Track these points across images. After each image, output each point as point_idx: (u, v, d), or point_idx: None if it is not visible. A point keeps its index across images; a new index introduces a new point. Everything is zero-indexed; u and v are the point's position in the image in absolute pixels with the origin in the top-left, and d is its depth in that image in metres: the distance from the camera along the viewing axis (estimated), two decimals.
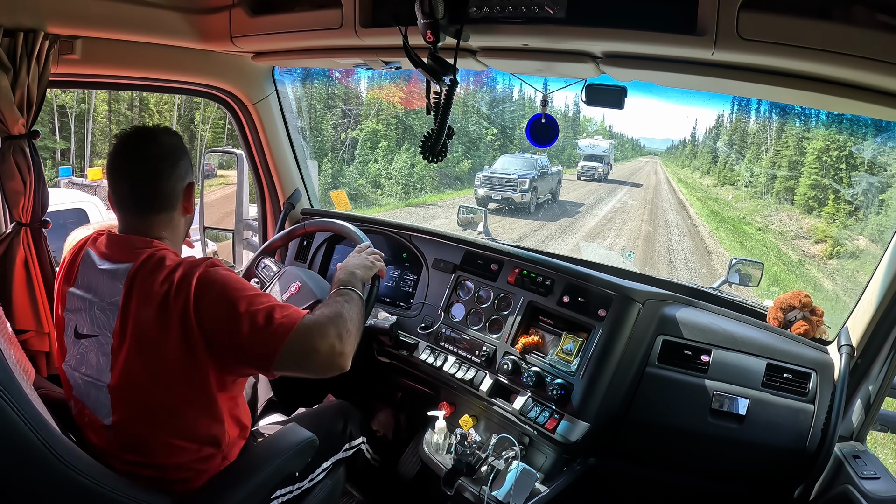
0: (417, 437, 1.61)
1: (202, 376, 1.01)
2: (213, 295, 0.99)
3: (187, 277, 0.99)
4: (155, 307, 0.97)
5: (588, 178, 16.94)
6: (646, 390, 1.37)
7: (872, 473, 1.17)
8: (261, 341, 0.98)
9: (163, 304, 0.97)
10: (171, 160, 1.08)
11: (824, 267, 9.59)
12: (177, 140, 1.12)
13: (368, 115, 13.32)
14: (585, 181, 16.72)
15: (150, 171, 1.06)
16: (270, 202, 2.09)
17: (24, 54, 1.32)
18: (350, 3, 1.20)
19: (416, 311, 1.67)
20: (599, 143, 17.76)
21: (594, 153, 17.37)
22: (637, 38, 0.96)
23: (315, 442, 1.16)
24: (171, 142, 1.10)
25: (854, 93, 0.96)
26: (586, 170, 17.27)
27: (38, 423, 0.82)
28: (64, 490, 0.85)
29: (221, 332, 0.98)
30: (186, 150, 1.15)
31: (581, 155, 18.03)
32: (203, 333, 0.98)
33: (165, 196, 1.08)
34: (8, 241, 1.44)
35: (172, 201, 1.09)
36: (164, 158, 1.07)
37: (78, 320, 1.05)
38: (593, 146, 17.52)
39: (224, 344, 0.99)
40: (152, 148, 1.07)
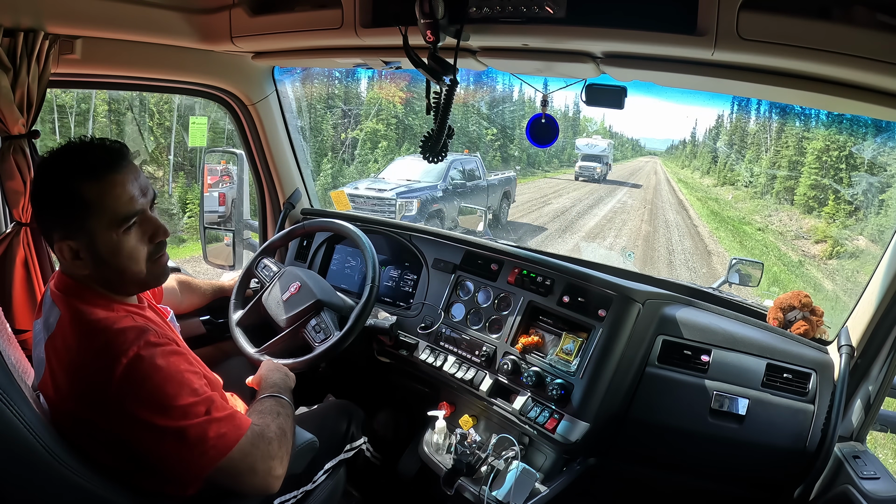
0: (417, 437, 1.61)
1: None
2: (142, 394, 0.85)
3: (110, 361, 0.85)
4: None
5: (586, 178, 16.54)
6: (646, 390, 1.37)
7: (872, 473, 1.17)
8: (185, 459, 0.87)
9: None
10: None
11: (824, 267, 9.59)
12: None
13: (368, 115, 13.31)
14: (584, 182, 16.33)
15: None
16: (270, 202, 2.09)
17: (24, 54, 1.32)
18: (350, 3, 1.20)
19: (416, 311, 1.67)
20: (598, 143, 17.35)
21: (592, 153, 16.96)
22: (637, 38, 0.96)
23: (315, 443, 1.16)
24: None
25: (854, 93, 0.96)
26: (584, 170, 16.85)
27: (37, 425, 0.82)
28: (63, 492, 0.84)
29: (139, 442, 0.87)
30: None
31: (579, 155, 17.60)
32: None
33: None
34: (8, 241, 1.44)
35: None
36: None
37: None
38: (591, 146, 17.11)
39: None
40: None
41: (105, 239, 0.91)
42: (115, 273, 0.94)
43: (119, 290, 0.97)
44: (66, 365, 0.89)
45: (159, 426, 0.85)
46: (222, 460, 0.89)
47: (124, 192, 0.92)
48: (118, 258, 0.93)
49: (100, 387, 0.85)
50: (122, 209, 0.91)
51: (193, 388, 0.90)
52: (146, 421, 0.85)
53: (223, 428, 0.90)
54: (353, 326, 1.42)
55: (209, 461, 0.88)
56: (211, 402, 0.91)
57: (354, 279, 1.86)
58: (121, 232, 0.92)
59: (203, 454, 0.88)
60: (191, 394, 0.89)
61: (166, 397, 0.86)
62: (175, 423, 0.86)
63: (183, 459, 0.88)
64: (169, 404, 0.86)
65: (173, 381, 0.88)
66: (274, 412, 1.06)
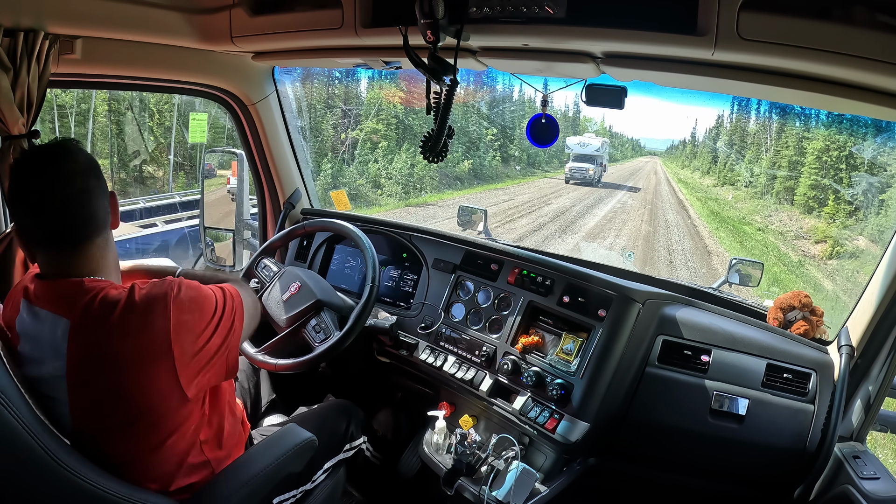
0: (417, 437, 1.61)
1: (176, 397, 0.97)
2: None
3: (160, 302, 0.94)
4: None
5: (578, 181, 15.14)
6: (646, 390, 1.37)
7: (872, 473, 1.17)
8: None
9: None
10: (96, 172, 0.99)
11: (824, 267, 9.60)
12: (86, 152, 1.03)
13: (368, 115, 13.31)
14: (575, 185, 15.03)
15: (77, 191, 0.95)
16: (270, 202, 2.09)
17: (25, 54, 1.32)
18: (350, 3, 1.20)
19: (416, 311, 1.67)
20: (591, 142, 15.76)
21: (585, 153, 15.46)
22: (637, 38, 0.96)
23: (314, 442, 1.16)
24: (87, 154, 1.01)
25: (854, 93, 0.96)
26: (575, 172, 15.35)
27: (37, 427, 0.81)
28: (63, 493, 0.84)
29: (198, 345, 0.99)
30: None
31: (570, 155, 15.95)
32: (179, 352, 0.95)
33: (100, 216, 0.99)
34: (8, 241, 1.44)
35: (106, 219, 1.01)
36: (90, 173, 0.97)
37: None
38: (583, 145, 15.57)
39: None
40: (72, 164, 0.96)
41: (116, 216, 1.04)
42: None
43: (117, 269, 1.07)
44: (109, 359, 0.91)
45: (211, 339, 1.00)
46: (243, 325, 1.10)
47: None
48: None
49: (162, 342, 0.93)
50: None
51: (212, 295, 1.05)
52: (199, 343, 0.98)
53: (233, 300, 1.09)
54: (353, 326, 1.42)
55: (237, 335, 1.07)
56: (222, 297, 1.06)
57: (354, 279, 1.86)
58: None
59: (235, 331, 1.06)
60: (213, 301, 1.04)
61: (206, 318, 1.00)
62: (217, 330, 1.02)
63: (226, 350, 1.04)
64: (208, 322, 1.01)
65: (202, 298, 1.02)
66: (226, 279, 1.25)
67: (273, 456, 1.09)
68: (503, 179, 16.10)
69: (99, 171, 1.01)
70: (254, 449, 1.13)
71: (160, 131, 9.12)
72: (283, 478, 1.13)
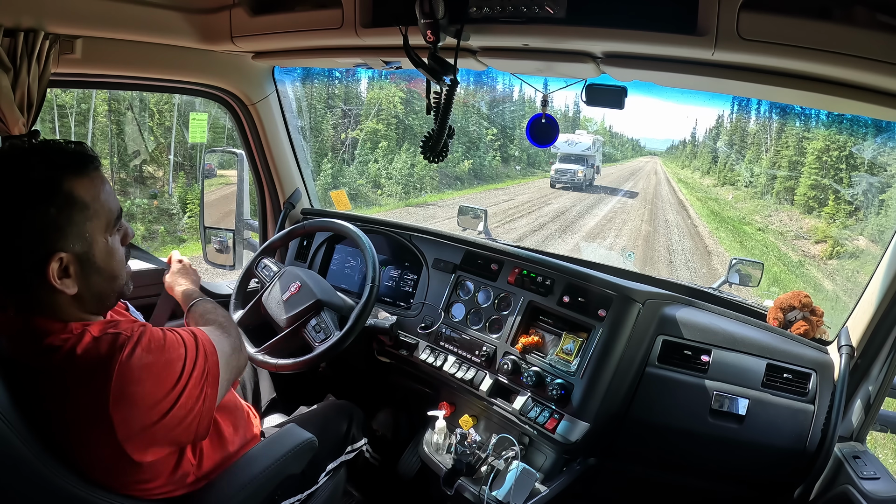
0: (417, 437, 1.61)
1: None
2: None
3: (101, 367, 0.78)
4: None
5: (565, 185, 12.87)
6: (646, 390, 1.37)
7: (872, 474, 1.17)
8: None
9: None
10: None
11: (824, 267, 9.59)
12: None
13: (369, 115, 13.31)
14: (561, 189, 12.74)
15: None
16: (270, 202, 2.09)
17: (25, 54, 1.32)
18: (350, 3, 1.20)
19: (416, 311, 1.67)
20: (580, 140, 13.56)
21: (573, 152, 13.22)
22: (637, 38, 0.96)
23: (314, 443, 1.16)
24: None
25: (854, 93, 0.96)
26: (562, 175, 13.03)
27: (27, 434, 0.80)
28: (53, 498, 0.83)
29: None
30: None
31: (557, 155, 13.65)
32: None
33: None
34: None
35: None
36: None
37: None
38: (572, 143, 13.33)
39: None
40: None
41: (101, 243, 0.84)
42: (106, 281, 0.86)
43: (99, 306, 0.89)
44: (56, 421, 0.80)
45: (169, 411, 0.84)
46: (219, 382, 0.94)
47: (111, 190, 0.85)
48: (112, 263, 0.86)
49: (105, 430, 0.79)
50: (115, 207, 0.86)
51: (178, 355, 0.87)
52: (155, 419, 0.83)
53: (205, 361, 0.91)
54: (353, 326, 1.42)
55: (211, 397, 0.92)
56: (193, 358, 0.88)
57: (354, 279, 1.86)
58: (113, 232, 0.86)
59: (204, 398, 0.90)
60: (178, 363, 0.86)
61: (163, 385, 0.83)
62: (178, 401, 0.85)
63: (191, 415, 0.88)
64: (167, 387, 0.84)
65: (164, 365, 0.84)
66: (208, 312, 1.18)
67: (273, 456, 1.09)
68: (503, 179, 16.07)
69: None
70: (254, 449, 1.12)
71: (160, 131, 9.12)
72: (284, 478, 1.12)
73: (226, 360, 0.96)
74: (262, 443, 1.15)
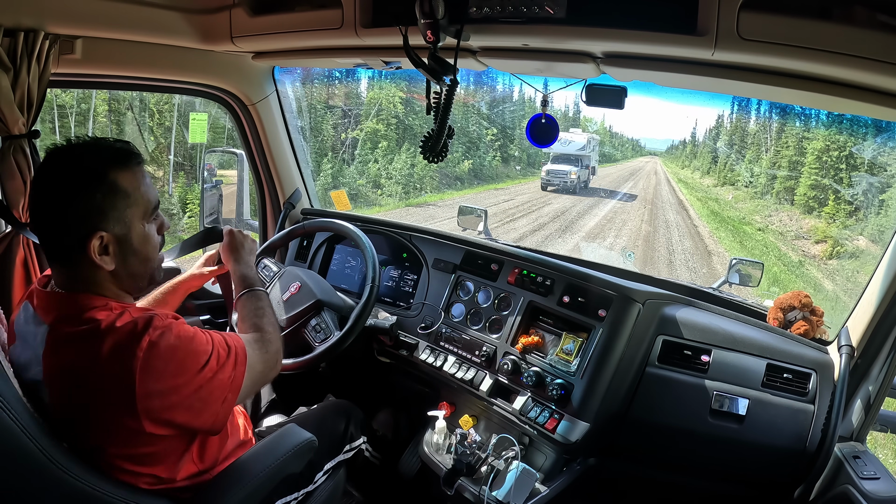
0: (417, 437, 1.61)
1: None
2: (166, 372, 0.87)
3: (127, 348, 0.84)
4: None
5: (557, 187, 11.94)
6: (646, 390, 1.37)
7: (872, 474, 1.17)
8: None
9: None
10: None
11: (824, 267, 9.59)
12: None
13: (369, 115, 13.31)
14: (553, 192, 11.81)
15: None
16: (270, 202, 2.09)
17: (25, 54, 1.32)
18: (350, 3, 1.20)
19: (416, 311, 1.67)
20: (574, 138, 12.60)
21: (566, 152, 12.27)
22: (637, 38, 0.96)
23: (314, 443, 1.16)
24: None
25: (854, 93, 0.96)
26: (553, 176, 12.08)
27: (33, 428, 0.81)
28: (61, 495, 0.84)
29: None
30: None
31: (549, 155, 12.76)
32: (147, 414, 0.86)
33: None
34: (7, 241, 1.44)
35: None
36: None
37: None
38: (565, 142, 12.37)
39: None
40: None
41: (139, 228, 0.94)
42: (141, 263, 0.96)
43: (134, 286, 0.99)
44: (74, 377, 0.86)
45: (184, 397, 0.89)
46: (241, 390, 0.98)
47: (150, 183, 0.96)
48: (146, 247, 0.96)
49: (123, 387, 0.84)
50: (153, 199, 0.96)
51: (204, 350, 0.93)
52: (172, 399, 0.88)
53: (234, 368, 0.96)
54: (353, 326, 1.42)
55: (230, 402, 0.96)
56: (217, 353, 0.95)
57: (354, 279, 1.86)
58: (150, 221, 0.96)
59: (224, 400, 0.94)
60: (203, 355, 0.92)
61: (185, 370, 0.90)
62: (195, 386, 0.90)
63: (209, 410, 0.93)
64: (187, 374, 0.90)
65: (188, 353, 0.91)
66: (261, 312, 1.17)
67: (273, 456, 1.09)
68: (503, 179, 16.06)
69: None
70: (253, 449, 1.12)
71: (160, 131, 9.12)
72: (283, 478, 1.12)
73: (252, 376, 1.02)
74: (262, 443, 1.15)
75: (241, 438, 1.17)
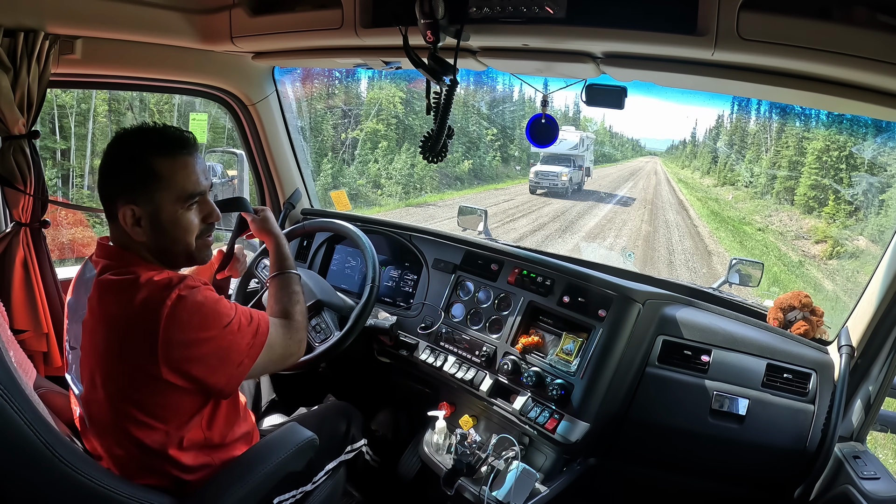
0: (417, 437, 1.61)
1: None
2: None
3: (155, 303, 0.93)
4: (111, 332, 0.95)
5: (546, 191, 10.85)
6: (646, 390, 1.37)
7: (872, 474, 1.17)
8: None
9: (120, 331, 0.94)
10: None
11: (824, 267, 9.59)
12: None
13: (369, 115, 13.30)
14: (542, 197, 10.76)
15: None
16: (270, 202, 2.09)
17: (25, 54, 1.32)
18: (350, 3, 1.20)
19: (416, 311, 1.67)
20: (565, 136, 11.39)
21: (556, 151, 11.19)
22: (637, 39, 0.96)
23: (315, 441, 1.16)
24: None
25: (854, 93, 0.96)
26: (542, 178, 10.99)
27: (39, 423, 0.82)
28: (65, 490, 0.85)
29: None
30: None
31: (539, 156, 11.73)
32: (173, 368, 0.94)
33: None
34: (7, 241, 1.44)
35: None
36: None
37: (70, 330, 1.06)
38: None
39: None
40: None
41: (169, 211, 1.00)
42: (170, 242, 1.03)
43: (168, 260, 1.05)
44: (109, 321, 0.95)
45: (204, 352, 0.96)
46: (256, 361, 1.03)
47: (192, 173, 1.01)
48: (176, 229, 1.02)
49: (149, 333, 0.92)
50: (189, 187, 1.01)
51: (227, 313, 1.00)
52: (192, 351, 0.95)
53: (254, 336, 1.03)
54: (353, 326, 1.42)
55: (245, 367, 1.02)
56: (240, 319, 1.02)
57: (354, 279, 1.86)
58: (184, 207, 1.02)
59: (240, 364, 1.01)
60: (226, 317, 0.99)
61: (207, 326, 0.96)
62: (215, 345, 0.97)
63: (224, 370, 0.99)
64: (209, 331, 0.96)
65: (213, 311, 0.97)
66: (294, 297, 1.23)
67: (273, 456, 1.09)
68: (503, 179, 16.06)
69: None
70: (254, 448, 1.13)
71: None
72: (283, 477, 1.12)
73: (270, 355, 1.07)
74: (262, 441, 1.15)
75: (248, 429, 1.18)
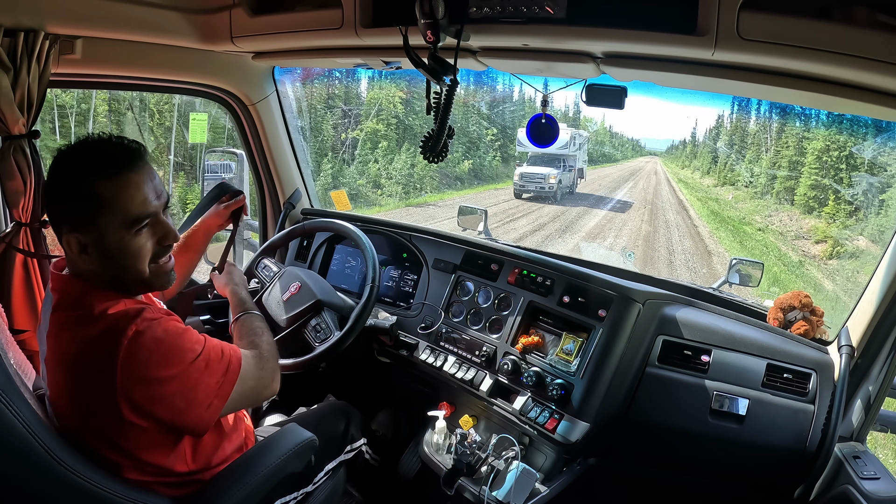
0: (417, 437, 1.61)
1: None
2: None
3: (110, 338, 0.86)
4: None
5: (532, 195, 9.90)
6: (646, 390, 1.37)
7: (872, 474, 1.17)
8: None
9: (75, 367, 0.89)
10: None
11: (824, 267, 9.59)
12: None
13: (369, 115, 13.31)
14: (528, 202, 9.78)
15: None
16: (270, 202, 2.09)
17: (25, 54, 1.32)
18: (350, 3, 1.20)
19: (417, 311, 1.67)
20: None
21: (545, 151, 10.19)
22: (637, 38, 0.96)
23: (315, 442, 1.16)
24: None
25: (854, 93, 0.96)
26: (528, 181, 10.06)
27: (36, 425, 0.81)
28: (63, 492, 0.84)
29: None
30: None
31: (525, 156, 10.74)
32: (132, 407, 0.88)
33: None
34: (7, 241, 1.44)
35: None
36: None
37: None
38: None
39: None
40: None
41: (115, 238, 0.91)
42: (120, 270, 0.94)
43: (123, 288, 0.97)
44: (65, 360, 0.90)
45: (166, 392, 0.89)
46: (228, 400, 0.97)
47: (138, 193, 0.91)
48: (124, 257, 0.93)
49: (106, 372, 0.86)
50: (135, 210, 0.91)
51: (193, 348, 0.93)
52: (153, 391, 0.88)
53: (224, 374, 0.96)
54: (353, 326, 1.42)
55: (216, 408, 0.95)
56: (208, 355, 0.95)
57: (354, 279, 1.86)
58: (132, 233, 0.92)
59: (210, 405, 0.94)
60: (191, 353, 0.92)
61: (169, 364, 0.89)
62: (179, 384, 0.90)
63: (192, 412, 0.93)
64: (171, 369, 0.89)
65: (174, 347, 0.91)
66: (258, 331, 1.19)
67: (273, 456, 1.09)
68: (503, 179, 16.06)
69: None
70: (254, 449, 1.12)
71: (160, 131, 9.12)
72: (283, 478, 1.12)
73: (243, 389, 1.00)
74: (262, 442, 1.15)
75: (239, 443, 1.16)
